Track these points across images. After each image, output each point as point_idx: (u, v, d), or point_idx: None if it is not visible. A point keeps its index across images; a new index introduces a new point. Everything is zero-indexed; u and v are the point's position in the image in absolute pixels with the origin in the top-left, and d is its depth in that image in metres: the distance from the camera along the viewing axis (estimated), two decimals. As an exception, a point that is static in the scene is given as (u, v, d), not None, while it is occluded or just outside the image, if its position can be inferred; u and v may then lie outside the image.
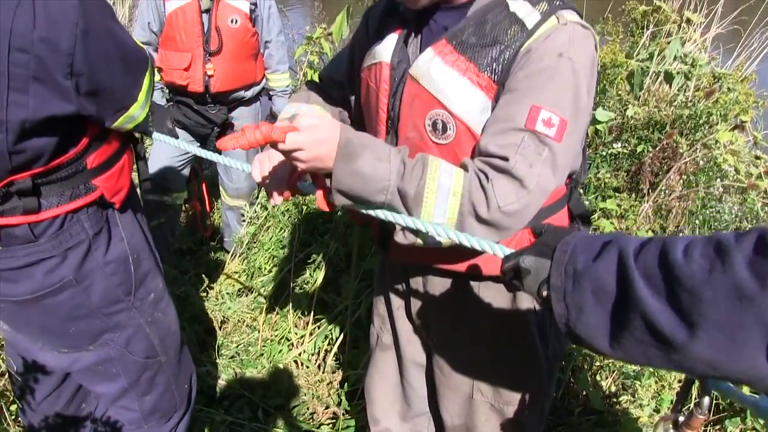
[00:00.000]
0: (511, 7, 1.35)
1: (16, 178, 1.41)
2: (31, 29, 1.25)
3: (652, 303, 0.83)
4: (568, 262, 0.98)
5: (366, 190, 1.27)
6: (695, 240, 0.84)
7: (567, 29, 1.30)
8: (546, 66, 1.28)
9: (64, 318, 1.63)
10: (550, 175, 1.29)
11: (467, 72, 1.34)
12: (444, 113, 1.36)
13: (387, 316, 1.89)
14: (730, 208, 3.10)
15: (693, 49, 3.56)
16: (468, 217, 1.27)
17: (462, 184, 1.27)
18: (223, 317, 3.23)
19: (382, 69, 1.49)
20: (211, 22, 3.20)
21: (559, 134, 1.27)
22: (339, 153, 1.25)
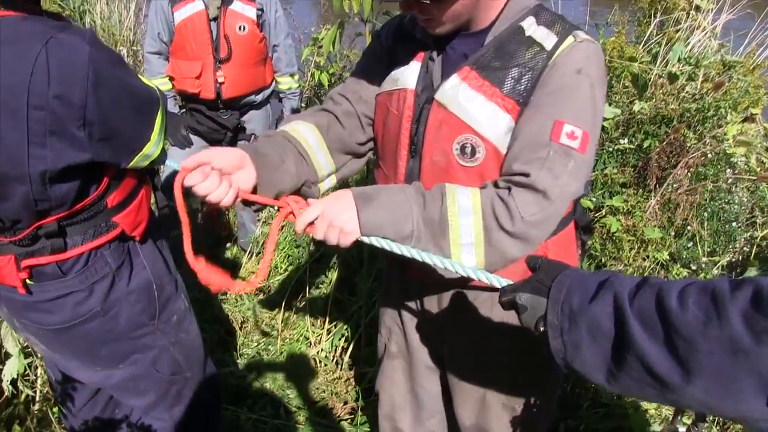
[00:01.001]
0: (527, 32, 1.41)
1: (43, 223, 1.51)
2: (46, 87, 1.32)
3: (649, 346, 0.87)
4: (564, 301, 1.02)
5: (394, 222, 1.33)
6: (690, 286, 0.88)
7: (583, 46, 1.37)
8: (567, 83, 1.35)
9: (95, 343, 1.74)
10: (574, 185, 1.35)
11: (493, 96, 1.39)
12: (474, 138, 1.41)
13: (394, 326, 1.95)
14: (740, 199, 3.12)
15: (702, 38, 3.54)
16: (494, 231, 1.32)
17: (480, 201, 1.34)
18: (242, 318, 3.33)
19: (407, 95, 1.52)
20: (220, 30, 3.25)
21: (582, 146, 1.33)
22: (358, 202, 1.33)
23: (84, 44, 1.37)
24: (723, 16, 3.72)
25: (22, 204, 1.45)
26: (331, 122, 1.66)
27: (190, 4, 3.24)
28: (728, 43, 3.67)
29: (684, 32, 3.58)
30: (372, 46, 1.73)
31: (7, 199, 1.44)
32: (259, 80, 3.46)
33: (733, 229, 3.07)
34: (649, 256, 2.87)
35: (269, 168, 1.44)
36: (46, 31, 1.34)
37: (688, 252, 2.95)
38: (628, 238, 2.86)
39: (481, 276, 1.28)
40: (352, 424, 2.76)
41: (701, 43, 3.62)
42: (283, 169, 1.48)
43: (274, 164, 1.46)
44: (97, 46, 1.41)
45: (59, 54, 1.33)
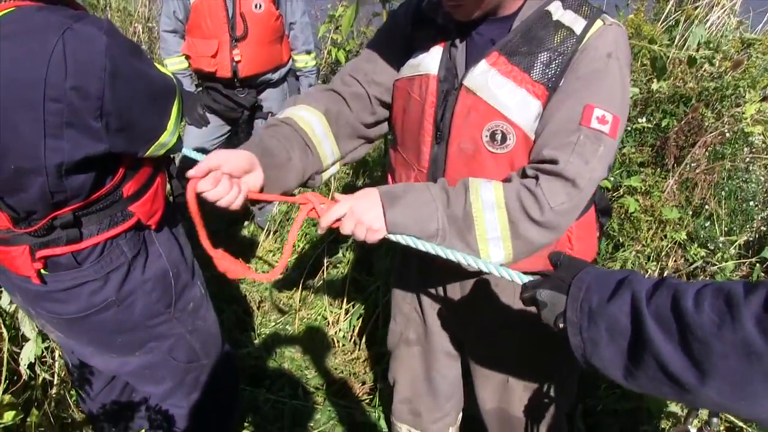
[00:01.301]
0: (554, 16, 1.41)
1: (58, 213, 1.50)
2: (63, 79, 1.30)
3: (665, 346, 0.89)
4: (583, 299, 1.05)
5: (419, 221, 1.35)
6: (705, 288, 0.89)
7: (613, 29, 1.37)
8: (597, 67, 1.34)
9: (110, 331, 1.74)
10: (603, 170, 1.36)
11: (523, 82, 1.39)
12: (504, 124, 1.40)
13: (413, 313, 1.96)
14: (758, 178, 3.12)
15: (721, 15, 3.50)
16: (522, 222, 1.33)
17: (503, 194, 1.34)
18: (260, 297, 3.36)
19: (429, 81, 1.51)
20: (236, 8, 3.24)
21: (613, 130, 1.33)
22: (384, 201, 1.35)
23: (101, 34, 1.35)
24: (742, -7, 3.67)
25: (38, 195, 1.43)
26: (340, 108, 1.64)
27: (206, -17, 3.22)
28: (747, 21, 3.64)
29: (703, 9, 3.54)
30: (388, 27, 1.70)
31: (23, 191, 1.43)
32: (275, 58, 3.45)
33: (751, 208, 3.06)
34: (666, 236, 2.87)
35: (276, 168, 1.45)
36: (63, 21, 1.32)
37: (705, 231, 2.95)
38: (646, 219, 2.86)
39: (504, 273, 1.29)
40: (371, 405, 2.79)
41: (720, 21, 3.58)
42: (289, 166, 1.49)
43: (281, 163, 1.47)
44: (114, 35, 1.39)
45: (76, 45, 1.31)
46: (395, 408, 2.16)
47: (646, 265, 2.88)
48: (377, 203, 1.35)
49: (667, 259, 2.92)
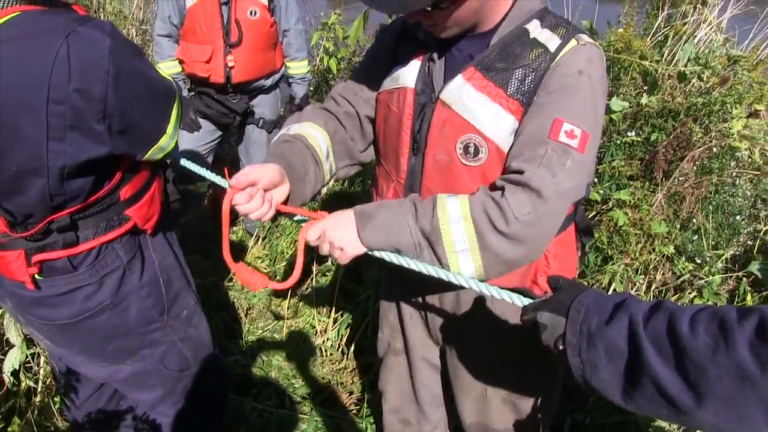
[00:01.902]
0: (531, 34, 1.43)
1: (55, 217, 1.49)
2: (66, 81, 1.30)
3: (661, 369, 0.92)
4: (582, 321, 1.07)
5: (392, 237, 1.39)
6: (700, 313, 0.92)
7: (586, 49, 1.39)
8: (568, 83, 1.36)
9: (103, 338, 1.73)
10: (570, 183, 1.36)
11: (497, 97, 1.41)
12: (477, 137, 1.43)
13: (396, 323, 1.99)
14: (744, 192, 3.16)
15: (708, 31, 3.56)
16: (488, 234, 1.34)
17: (468, 207, 1.36)
18: (248, 305, 3.35)
19: (407, 94, 1.55)
20: (231, 14, 3.24)
21: (581, 145, 1.35)
22: (357, 221, 1.41)
23: (104, 37, 1.35)
24: (728, 11, 3.73)
25: (37, 198, 1.43)
26: (336, 126, 1.70)
27: (202, -12, 3.21)
28: (733, 38, 3.70)
29: (690, 26, 3.59)
30: (374, 48, 1.75)
31: (22, 194, 1.42)
32: (269, 65, 3.45)
33: (737, 222, 3.10)
34: (655, 250, 2.90)
35: (298, 182, 1.52)
36: (67, 24, 1.32)
37: (693, 245, 2.98)
38: (634, 232, 2.88)
39: (504, 295, 1.31)
40: (359, 415, 2.79)
41: (707, 37, 3.63)
42: (306, 180, 1.55)
43: (300, 176, 1.53)
44: (117, 38, 1.39)
45: (80, 47, 1.31)
46: (385, 419, 2.18)
47: (634, 278, 2.90)
48: (351, 223, 1.41)
49: (655, 273, 2.95)
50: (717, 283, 2.82)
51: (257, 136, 3.65)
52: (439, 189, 1.53)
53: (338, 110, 1.71)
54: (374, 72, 1.68)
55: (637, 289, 2.93)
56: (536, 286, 1.63)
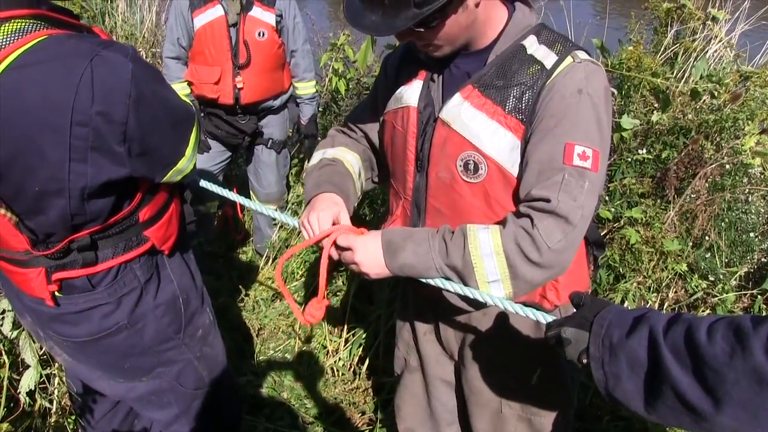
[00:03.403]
0: (528, 50, 1.46)
1: (76, 237, 1.51)
2: (90, 104, 1.32)
3: (681, 377, 0.95)
4: (605, 335, 1.10)
5: (419, 274, 1.44)
6: (717, 322, 0.95)
7: (582, 66, 1.42)
8: (570, 104, 1.39)
9: (120, 356, 1.74)
10: (592, 204, 1.40)
11: (495, 114, 1.44)
12: (476, 154, 1.46)
13: (412, 341, 2.00)
14: (757, 209, 3.14)
15: (719, 48, 3.55)
16: (521, 266, 1.37)
17: (501, 241, 1.38)
18: (260, 325, 3.34)
19: (410, 113, 1.59)
20: (239, 36, 3.26)
21: (595, 164, 1.38)
22: (385, 253, 1.44)
23: (127, 61, 1.37)
24: (739, 27, 3.73)
25: (58, 218, 1.45)
26: (364, 148, 1.82)
27: (210, 10, 3.24)
28: (744, 54, 3.69)
29: (700, 42, 3.58)
30: (379, 76, 1.81)
31: (43, 213, 1.44)
32: (277, 85, 3.47)
33: (751, 239, 3.08)
34: (667, 267, 2.88)
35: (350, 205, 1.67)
36: (92, 48, 1.34)
37: (705, 263, 2.96)
38: (647, 250, 2.87)
39: (528, 313, 1.33)
40: (370, 436, 2.77)
41: (718, 54, 3.62)
42: (350, 201, 1.68)
43: (348, 199, 1.67)
44: (139, 63, 1.42)
45: (103, 71, 1.33)
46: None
47: (647, 296, 2.88)
48: (379, 253, 1.46)
49: (667, 291, 2.92)
50: (731, 300, 2.80)
51: (266, 156, 3.66)
52: (443, 206, 1.58)
53: (356, 136, 1.82)
54: (380, 99, 1.74)
55: (650, 306, 2.90)
56: (545, 300, 1.64)
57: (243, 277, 3.72)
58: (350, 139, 1.84)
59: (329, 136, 1.87)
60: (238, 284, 3.58)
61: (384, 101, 1.71)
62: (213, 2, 3.24)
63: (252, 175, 3.79)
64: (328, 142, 1.84)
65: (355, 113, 1.88)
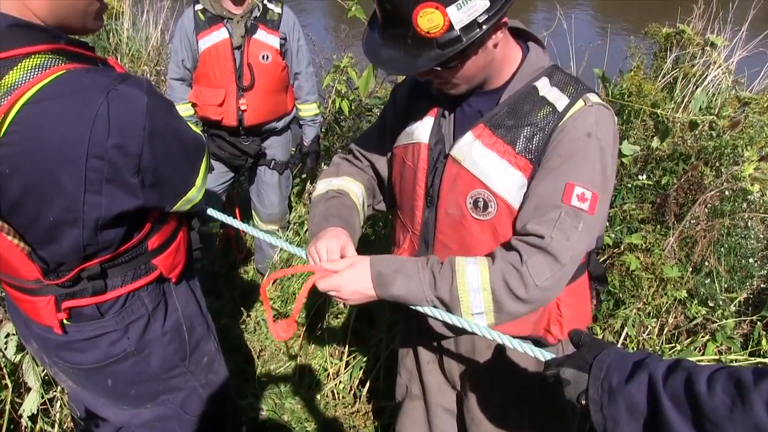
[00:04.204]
0: (540, 92, 1.48)
1: (87, 266, 1.52)
2: (105, 137, 1.34)
3: (680, 427, 0.95)
4: (604, 378, 1.11)
5: (408, 303, 1.45)
6: (718, 373, 0.95)
7: (593, 110, 1.44)
8: (577, 146, 1.41)
9: (126, 382, 1.75)
10: (583, 245, 1.42)
11: (505, 154, 1.46)
12: (486, 192, 1.48)
13: (415, 369, 2.01)
14: (756, 235, 3.16)
15: (718, 74, 3.58)
16: (507, 302, 1.39)
17: (488, 278, 1.40)
18: (260, 346, 3.34)
19: (420, 149, 1.60)
20: (243, 58, 3.29)
21: (592, 207, 1.39)
22: (375, 286, 1.44)
23: (142, 95, 1.39)
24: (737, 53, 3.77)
25: (71, 248, 1.47)
26: (368, 177, 1.83)
27: (215, 33, 3.27)
28: (743, 80, 3.72)
29: (699, 68, 3.62)
30: (388, 105, 1.82)
31: (56, 243, 1.46)
32: (280, 107, 3.49)
33: (750, 265, 3.10)
34: (667, 293, 2.89)
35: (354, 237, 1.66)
36: (108, 82, 1.36)
37: (705, 288, 2.97)
38: (646, 276, 2.88)
39: (527, 349, 1.34)
40: (371, 459, 2.78)
41: (717, 79, 3.66)
42: (355, 234, 1.68)
43: (354, 232, 1.67)
44: (154, 96, 1.43)
45: (119, 105, 1.35)
46: None
47: (646, 321, 2.89)
48: (368, 282, 1.45)
49: (667, 316, 2.94)
50: (731, 326, 2.81)
51: (268, 177, 3.68)
52: (451, 241, 1.59)
53: (359, 164, 1.83)
54: (388, 129, 1.76)
55: (649, 332, 2.92)
56: (549, 334, 1.66)
57: (244, 297, 3.73)
58: (355, 168, 1.85)
59: (334, 165, 1.88)
60: (239, 304, 3.59)
61: (392, 133, 1.73)
62: (218, 25, 3.27)
63: (254, 195, 3.81)
64: (333, 171, 1.84)
65: (362, 141, 1.88)
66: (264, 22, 3.32)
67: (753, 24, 3.93)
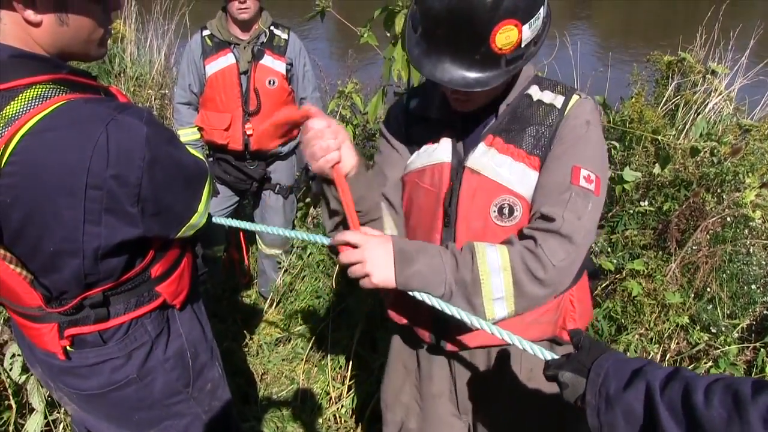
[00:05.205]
0: (534, 97, 1.57)
1: (89, 294, 1.53)
2: (104, 168, 1.34)
3: None
4: (601, 384, 1.12)
5: (428, 286, 1.43)
6: (715, 384, 0.95)
7: (588, 101, 1.55)
8: (579, 134, 1.50)
9: (129, 408, 1.75)
10: (593, 226, 1.47)
11: (520, 157, 1.52)
12: (511, 197, 1.52)
13: (412, 403, 1.96)
14: (759, 261, 3.17)
15: (719, 101, 3.62)
16: (527, 283, 1.41)
17: (508, 258, 1.42)
18: (263, 369, 3.35)
19: (443, 169, 1.60)
20: (250, 83, 3.33)
21: (597, 189, 1.46)
22: (397, 261, 1.42)
23: (142, 125, 1.39)
24: (738, 81, 3.81)
25: (72, 276, 1.47)
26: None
27: (222, 58, 3.32)
28: (743, 107, 3.76)
29: (701, 95, 3.66)
30: (383, 140, 1.81)
31: (58, 272, 1.46)
32: (286, 132, 3.51)
33: (753, 291, 3.10)
34: (669, 320, 2.90)
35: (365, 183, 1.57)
36: (108, 113, 1.36)
37: (707, 314, 2.97)
38: (648, 302, 2.89)
39: (526, 346, 1.33)
40: (373, 485, 2.76)
41: (718, 106, 3.70)
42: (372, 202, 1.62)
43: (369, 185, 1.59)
44: (154, 125, 1.44)
45: (118, 135, 1.35)
46: None
47: (648, 347, 2.89)
48: (390, 261, 1.42)
49: (669, 342, 2.94)
50: (734, 353, 2.81)
51: (273, 201, 3.70)
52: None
53: None
54: (393, 161, 1.74)
55: (652, 358, 2.91)
56: (564, 331, 1.68)
57: (247, 320, 3.74)
58: None
59: None
60: (242, 328, 3.60)
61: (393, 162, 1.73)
62: (225, 50, 3.33)
63: (258, 219, 3.83)
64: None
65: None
66: (271, 47, 3.37)
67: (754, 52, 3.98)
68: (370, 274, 1.41)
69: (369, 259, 1.41)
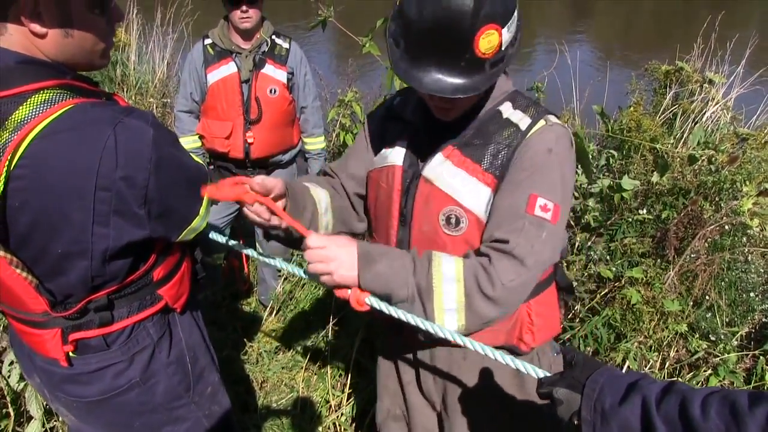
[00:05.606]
0: (504, 115, 1.59)
1: (94, 297, 1.54)
2: (113, 169, 1.36)
3: None
4: (597, 399, 1.11)
5: (389, 287, 1.45)
6: (712, 396, 0.95)
7: (553, 129, 1.55)
8: (539, 161, 1.51)
9: (130, 414, 1.74)
10: (548, 252, 1.50)
11: (474, 172, 1.56)
12: (458, 209, 1.56)
13: (398, 390, 2.04)
14: (757, 269, 3.18)
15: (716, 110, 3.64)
16: (475, 297, 1.43)
17: (462, 270, 1.45)
18: (263, 378, 3.34)
19: (395, 171, 1.68)
20: (251, 92, 3.35)
21: (554, 217, 1.48)
22: (360, 261, 1.44)
23: (148, 127, 1.42)
24: (735, 90, 3.83)
25: (79, 279, 1.48)
26: (335, 193, 1.82)
27: (224, 67, 3.34)
28: (741, 116, 3.78)
29: (698, 104, 3.69)
30: (363, 130, 1.88)
31: (65, 275, 1.47)
32: (286, 141, 3.54)
33: (751, 299, 3.12)
34: (668, 327, 2.91)
35: (294, 210, 1.63)
36: (115, 116, 1.39)
37: (706, 322, 2.99)
38: (647, 310, 2.90)
39: (519, 365, 1.34)
40: (373, 491, 2.75)
41: (715, 115, 3.72)
42: (303, 215, 1.66)
43: (298, 207, 1.65)
44: (159, 128, 1.46)
45: (126, 137, 1.38)
46: None
47: (648, 355, 2.90)
48: (353, 259, 1.45)
49: (669, 350, 2.95)
50: (733, 361, 2.82)
51: (273, 209, 3.70)
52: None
53: (333, 182, 1.86)
54: (361, 152, 1.82)
55: (651, 366, 2.92)
56: (522, 343, 1.72)
57: (247, 328, 3.74)
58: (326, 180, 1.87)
59: (306, 176, 1.92)
60: (241, 336, 3.60)
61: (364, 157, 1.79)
62: (227, 59, 3.35)
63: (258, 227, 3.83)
64: (304, 179, 1.86)
65: (338, 162, 1.92)
66: (272, 56, 3.39)
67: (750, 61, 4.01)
68: (333, 272, 1.44)
69: (333, 258, 1.44)
